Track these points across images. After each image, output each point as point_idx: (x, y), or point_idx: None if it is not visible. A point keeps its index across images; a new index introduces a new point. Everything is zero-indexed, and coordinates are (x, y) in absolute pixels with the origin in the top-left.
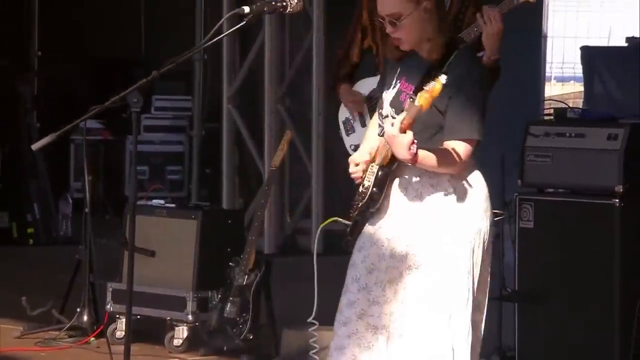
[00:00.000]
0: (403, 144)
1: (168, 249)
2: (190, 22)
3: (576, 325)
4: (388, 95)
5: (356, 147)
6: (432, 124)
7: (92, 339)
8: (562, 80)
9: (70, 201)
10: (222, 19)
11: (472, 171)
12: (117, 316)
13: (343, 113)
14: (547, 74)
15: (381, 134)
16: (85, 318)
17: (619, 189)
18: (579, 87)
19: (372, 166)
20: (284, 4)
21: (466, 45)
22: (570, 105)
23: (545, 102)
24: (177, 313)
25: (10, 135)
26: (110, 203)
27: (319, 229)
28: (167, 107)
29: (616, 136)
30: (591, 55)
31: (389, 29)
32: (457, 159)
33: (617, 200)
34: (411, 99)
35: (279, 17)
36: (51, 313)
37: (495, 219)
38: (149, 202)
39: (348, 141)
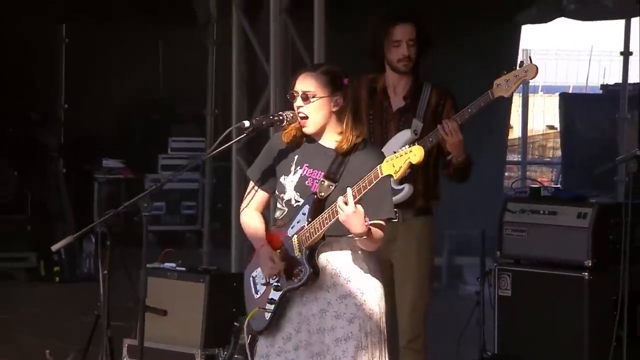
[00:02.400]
0: (360, 218)
1: (178, 309)
2: (203, 70)
3: None
4: (289, 181)
5: None
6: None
7: None
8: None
9: (94, 240)
10: (227, 130)
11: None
12: None
13: None
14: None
15: (283, 217)
16: None
17: (588, 263)
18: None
19: (281, 253)
20: (280, 118)
21: (372, 146)
22: (551, 142)
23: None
24: None
25: (38, 182)
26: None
27: (246, 320)
28: (183, 148)
29: (585, 215)
30: (568, 101)
31: (298, 102)
32: (380, 236)
33: (586, 273)
34: (322, 182)
35: (283, 79)
36: None
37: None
38: (162, 265)
39: None
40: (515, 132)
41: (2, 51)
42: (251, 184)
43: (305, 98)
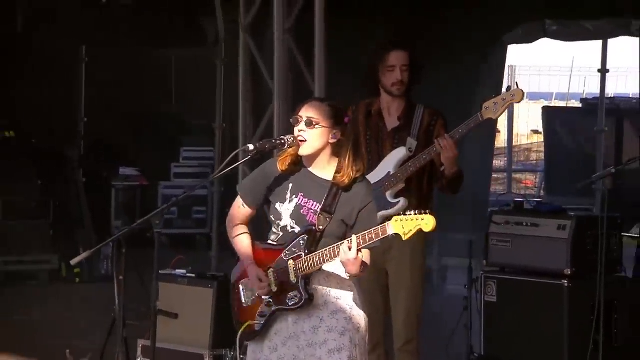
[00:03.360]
0: (358, 264)
1: (188, 313)
2: (212, 86)
3: None
4: (285, 208)
5: None
6: (334, 235)
7: None
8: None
9: (111, 243)
10: (233, 153)
11: None
12: None
13: None
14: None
15: (277, 239)
16: None
17: (568, 271)
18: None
19: (272, 272)
20: (282, 141)
21: (364, 180)
22: (535, 147)
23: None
24: None
25: (60, 190)
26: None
27: (239, 334)
28: (193, 157)
29: (565, 227)
30: (550, 114)
31: (301, 126)
32: (367, 265)
33: (565, 281)
34: (319, 215)
35: (287, 96)
36: None
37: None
38: (173, 272)
39: None
40: (501, 137)
41: (28, 70)
42: (240, 200)
43: (309, 124)
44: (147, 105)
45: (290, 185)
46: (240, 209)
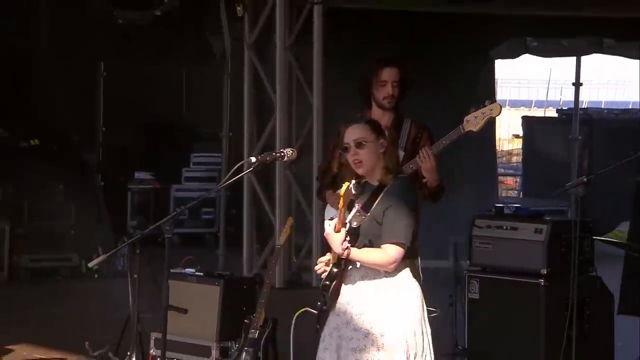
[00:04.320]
0: (337, 241)
1: (197, 308)
2: (219, 98)
3: None
4: (350, 216)
5: None
6: (370, 233)
7: None
8: (514, 105)
9: (126, 240)
10: (237, 165)
11: (403, 269)
12: (158, 358)
13: (329, 212)
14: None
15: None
16: (134, 359)
17: (544, 271)
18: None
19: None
20: (282, 154)
21: (403, 176)
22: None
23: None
24: (204, 359)
25: (80, 193)
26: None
27: (294, 318)
28: (203, 162)
29: (541, 230)
30: (529, 123)
31: (352, 151)
32: (386, 256)
33: (542, 280)
34: (357, 214)
35: (288, 106)
36: (108, 355)
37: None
38: (183, 271)
39: None
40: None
41: (51, 83)
42: None
43: (359, 145)
44: (160, 115)
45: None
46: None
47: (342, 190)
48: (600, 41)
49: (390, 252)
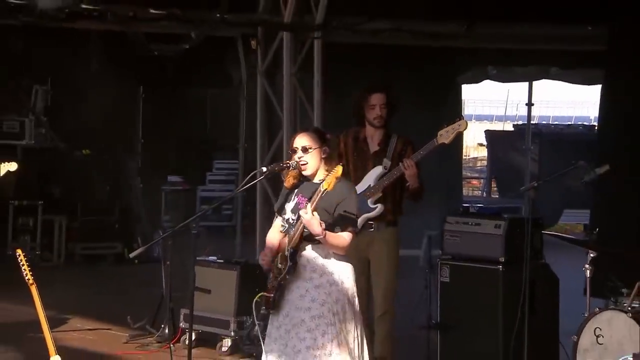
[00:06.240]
0: (316, 222)
1: (218, 289)
2: (237, 117)
3: (475, 343)
4: (289, 206)
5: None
6: (322, 219)
7: (171, 345)
8: (479, 119)
9: (161, 233)
10: (251, 174)
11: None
12: (187, 330)
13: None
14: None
15: (285, 231)
16: (166, 331)
17: (502, 259)
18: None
19: (280, 255)
20: (287, 165)
21: (342, 179)
22: (480, 156)
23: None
24: (224, 330)
25: (123, 194)
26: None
27: (254, 302)
28: (223, 168)
29: (500, 225)
30: (491, 136)
31: (299, 154)
32: (345, 241)
33: (500, 266)
34: (306, 204)
35: (293, 123)
36: (146, 327)
37: None
38: (207, 258)
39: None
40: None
41: (100, 103)
42: (276, 214)
43: (305, 150)
44: (188, 129)
45: (295, 191)
46: (276, 219)
47: (339, 172)
48: (548, 69)
49: (347, 237)
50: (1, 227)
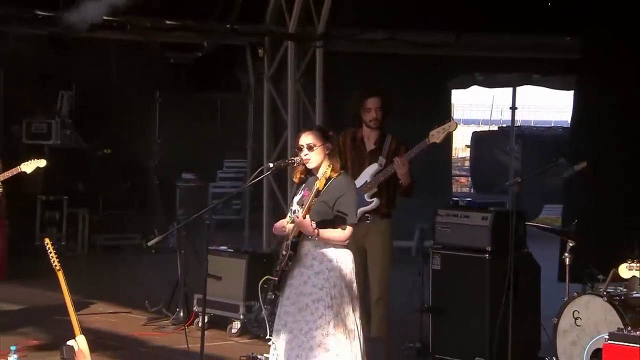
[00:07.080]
0: (307, 225)
1: (229, 275)
2: (245, 119)
3: (464, 325)
4: (296, 199)
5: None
6: (320, 212)
7: (186, 327)
8: (467, 123)
9: (176, 225)
10: (257, 170)
11: (347, 243)
12: (200, 314)
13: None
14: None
15: (292, 222)
16: (181, 314)
17: (488, 248)
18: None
19: (286, 241)
20: (292, 161)
21: (344, 172)
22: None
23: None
24: (234, 313)
25: (141, 189)
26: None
27: (259, 284)
28: (233, 166)
29: (487, 218)
30: (478, 137)
31: (305, 151)
32: (344, 235)
33: (487, 255)
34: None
35: (297, 124)
36: (162, 311)
37: None
38: (218, 248)
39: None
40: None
41: (119, 107)
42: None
43: (310, 148)
44: (201, 130)
45: (303, 185)
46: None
47: (328, 173)
48: (530, 76)
49: (346, 232)
50: (30, 220)
